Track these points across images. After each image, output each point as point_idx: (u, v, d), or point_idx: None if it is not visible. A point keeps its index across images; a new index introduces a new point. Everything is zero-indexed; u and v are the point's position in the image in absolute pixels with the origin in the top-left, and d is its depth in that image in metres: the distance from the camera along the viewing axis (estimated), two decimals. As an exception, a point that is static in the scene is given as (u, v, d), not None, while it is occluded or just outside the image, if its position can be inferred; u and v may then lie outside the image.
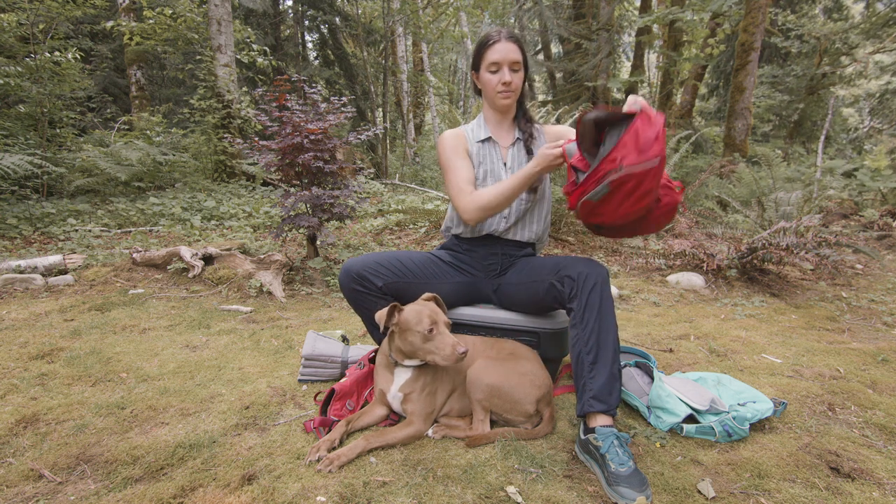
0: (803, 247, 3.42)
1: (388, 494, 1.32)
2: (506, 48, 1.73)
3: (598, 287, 1.53)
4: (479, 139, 1.88)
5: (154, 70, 11.14)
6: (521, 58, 1.76)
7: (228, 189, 6.71)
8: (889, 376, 2.12)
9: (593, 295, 1.52)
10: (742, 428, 1.59)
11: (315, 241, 3.85)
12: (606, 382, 1.49)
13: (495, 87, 1.77)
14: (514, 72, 1.76)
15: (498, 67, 1.75)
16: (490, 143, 1.88)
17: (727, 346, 2.51)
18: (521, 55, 1.76)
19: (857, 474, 1.42)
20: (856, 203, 7.11)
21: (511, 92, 1.77)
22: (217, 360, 2.24)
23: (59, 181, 5.88)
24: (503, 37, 1.74)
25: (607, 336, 1.51)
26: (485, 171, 1.85)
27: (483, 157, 1.87)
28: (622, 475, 1.32)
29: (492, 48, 1.74)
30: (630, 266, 4.22)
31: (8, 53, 5.74)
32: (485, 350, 1.76)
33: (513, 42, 1.75)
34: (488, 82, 1.78)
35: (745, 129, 7.68)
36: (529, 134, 1.88)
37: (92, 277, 3.48)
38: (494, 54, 1.74)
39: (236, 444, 1.55)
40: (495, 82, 1.76)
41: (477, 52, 1.80)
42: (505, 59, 1.73)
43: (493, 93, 1.79)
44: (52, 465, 1.42)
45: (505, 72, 1.74)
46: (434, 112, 12.07)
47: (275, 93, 3.58)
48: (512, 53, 1.73)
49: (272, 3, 11.25)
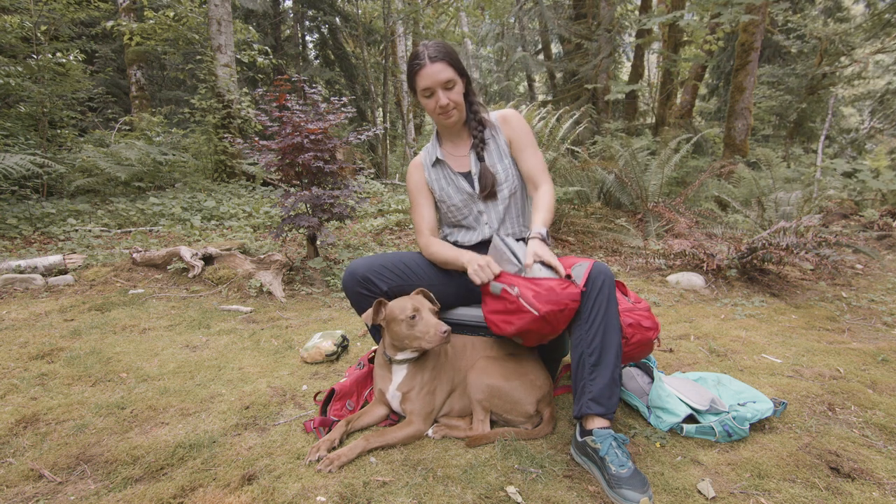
0: (803, 247, 3.42)
1: (388, 494, 1.32)
2: (432, 71, 1.66)
3: (606, 287, 1.50)
4: (431, 163, 1.89)
5: (154, 70, 11.15)
6: (452, 73, 1.69)
7: (228, 189, 6.71)
8: (889, 376, 2.12)
9: (601, 295, 1.49)
10: (742, 428, 1.59)
11: (315, 241, 3.85)
12: (607, 385, 1.47)
13: (434, 109, 1.73)
14: (448, 90, 1.70)
15: (431, 92, 1.70)
16: (441, 165, 1.87)
17: (727, 346, 2.51)
18: (451, 70, 1.68)
19: (857, 474, 1.42)
20: (856, 203, 7.11)
21: (451, 111, 1.73)
22: (217, 360, 2.24)
23: (59, 181, 5.88)
24: (427, 58, 1.67)
25: (612, 338, 1.49)
26: (448, 193, 1.86)
27: (438, 181, 1.88)
28: (623, 477, 1.32)
29: (419, 75, 1.68)
30: (630, 266, 4.22)
31: (10, 53, 5.74)
32: (485, 350, 1.76)
33: (439, 61, 1.66)
34: (426, 105, 1.75)
35: (745, 129, 7.68)
36: (480, 139, 1.83)
37: (92, 277, 3.48)
38: (423, 80, 1.68)
39: (236, 444, 1.55)
40: (432, 106, 1.73)
41: (408, 78, 1.75)
42: (435, 82, 1.67)
43: (434, 114, 1.76)
44: (52, 465, 1.43)
45: (439, 95, 1.69)
46: (434, 112, 12.03)
47: (275, 93, 3.58)
48: (440, 74, 1.66)
49: (272, 4, 11.25)
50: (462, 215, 1.86)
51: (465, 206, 1.85)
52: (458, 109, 1.76)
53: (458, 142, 1.89)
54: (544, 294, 1.47)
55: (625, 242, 4.76)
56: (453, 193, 1.85)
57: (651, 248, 4.45)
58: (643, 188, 5.56)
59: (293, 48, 11.94)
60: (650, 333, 1.60)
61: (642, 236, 4.87)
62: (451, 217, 1.90)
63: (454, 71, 1.70)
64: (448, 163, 1.87)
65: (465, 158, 1.87)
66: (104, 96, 9.46)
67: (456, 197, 1.85)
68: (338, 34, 11.95)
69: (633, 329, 1.57)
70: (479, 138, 1.83)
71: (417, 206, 1.92)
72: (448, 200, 1.86)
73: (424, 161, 1.92)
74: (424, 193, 1.91)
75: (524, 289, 1.50)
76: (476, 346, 1.78)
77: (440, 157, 1.87)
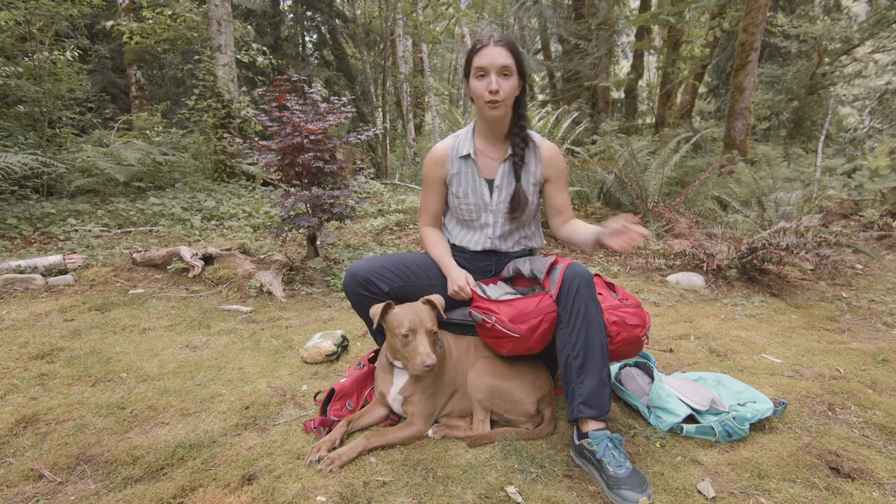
0: (803, 247, 3.42)
1: (388, 494, 1.32)
2: (494, 52, 1.60)
3: (583, 289, 1.49)
4: (460, 154, 1.81)
5: (154, 70, 11.14)
6: (512, 62, 1.62)
7: (228, 189, 6.71)
8: (889, 376, 2.12)
9: (578, 298, 1.49)
10: (742, 428, 1.59)
11: (315, 241, 3.85)
12: (596, 387, 1.46)
13: (482, 94, 1.64)
14: (503, 77, 1.62)
15: (485, 73, 1.62)
16: (469, 161, 1.80)
17: (727, 346, 2.51)
18: (512, 60, 1.63)
19: (857, 474, 1.42)
20: (856, 203, 7.11)
21: (500, 102, 1.63)
22: (217, 360, 2.24)
23: (59, 181, 5.88)
24: (492, 41, 1.62)
25: (595, 339, 1.48)
26: (464, 191, 1.81)
27: (459, 175, 1.82)
28: (621, 477, 1.32)
29: (479, 53, 1.63)
30: (630, 266, 4.22)
31: (6, 53, 5.73)
32: (485, 350, 1.76)
33: (503, 46, 1.62)
34: (475, 89, 1.66)
35: (744, 128, 7.68)
36: (520, 157, 1.76)
37: (92, 277, 3.48)
38: (482, 59, 1.62)
39: (236, 444, 1.55)
40: (482, 89, 1.63)
41: (467, 59, 1.70)
42: (492, 63, 1.60)
43: (480, 101, 1.67)
44: (52, 465, 1.42)
45: (492, 78, 1.61)
46: (434, 112, 12.07)
47: (274, 93, 3.58)
48: (501, 58, 1.60)
49: (272, 3, 11.25)
50: (469, 217, 1.84)
51: (476, 210, 1.82)
52: (505, 105, 1.67)
53: (493, 144, 1.81)
54: (518, 315, 1.55)
55: (625, 242, 4.75)
56: (470, 194, 1.81)
57: (651, 248, 4.45)
58: (643, 188, 5.56)
59: (292, 48, 11.94)
60: (637, 331, 1.57)
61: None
62: (458, 213, 1.87)
63: (515, 63, 1.64)
64: (477, 161, 1.81)
65: (494, 165, 1.80)
66: (100, 94, 9.46)
67: (471, 198, 1.81)
68: (337, 34, 11.95)
69: (618, 327, 1.55)
70: (520, 155, 1.77)
71: (427, 194, 1.92)
72: (462, 198, 1.82)
73: (452, 150, 1.83)
74: (437, 187, 1.88)
75: (501, 314, 1.57)
76: (478, 347, 1.78)
77: (472, 154, 1.80)
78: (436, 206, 1.91)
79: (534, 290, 1.69)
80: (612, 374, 1.89)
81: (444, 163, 1.84)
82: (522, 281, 1.76)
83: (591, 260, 4.45)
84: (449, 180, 1.84)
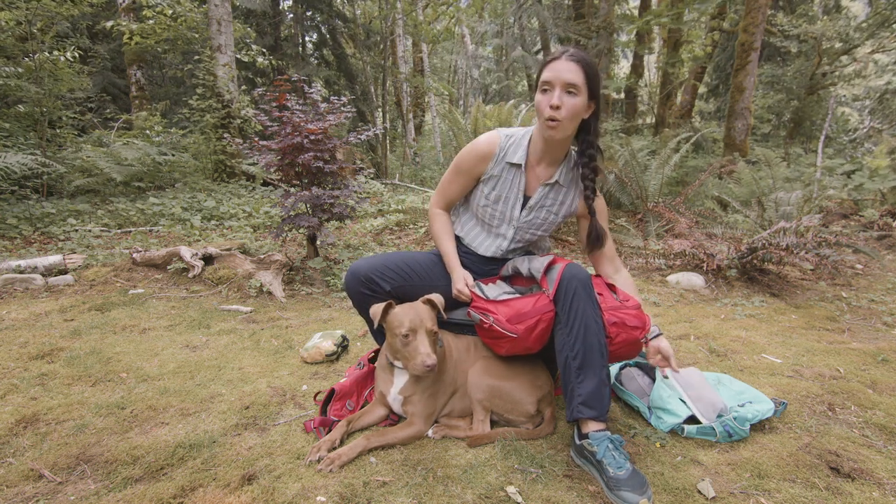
0: (803, 247, 3.42)
1: (388, 494, 1.32)
2: (563, 66, 1.51)
3: (581, 290, 1.49)
4: (511, 160, 1.70)
5: (154, 70, 11.14)
6: (582, 80, 1.52)
7: (228, 189, 6.71)
8: (889, 376, 2.12)
9: (576, 298, 1.48)
10: (743, 429, 1.59)
11: (315, 241, 3.85)
12: (596, 388, 1.46)
13: (543, 110, 1.55)
14: (568, 94, 1.52)
15: (550, 87, 1.53)
16: (519, 172, 1.71)
17: (727, 346, 2.51)
18: (583, 77, 1.52)
19: (857, 474, 1.42)
20: (856, 203, 7.11)
21: (559, 121, 1.54)
22: (217, 360, 2.24)
23: (59, 181, 5.87)
24: (565, 55, 1.53)
25: (593, 340, 1.47)
26: (497, 196, 1.74)
27: (501, 180, 1.73)
28: (622, 478, 1.32)
29: (549, 66, 1.55)
30: (630, 266, 4.22)
31: (6, 54, 5.73)
32: (485, 350, 1.76)
33: (574, 62, 1.52)
34: (538, 104, 1.57)
35: (744, 129, 7.68)
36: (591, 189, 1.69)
37: (92, 277, 3.48)
38: (549, 72, 1.53)
39: (236, 444, 1.55)
40: (544, 104, 1.54)
41: (540, 69, 1.61)
42: (558, 78, 1.51)
43: (541, 118, 1.57)
44: (52, 465, 1.42)
45: (556, 93, 1.52)
46: (434, 112, 12.07)
47: (275, 93, 3.58)
48: (568, 73, 1.50)
49: (272, 4, 11.25)
50: (490, 222, 1.80)
51: (499, 219, 1.78)
52: (564, 127, 1.57)
53: (543, 163, 1.72)
54: (515, 315, 1.55)
55: (625, 242, 4.76)
56: (501, 201, 1.75)
57: (651, 248, 4.45)
58: (643, 188, 5.56)
59: (292, 48, 11.93)
60: (636, 333, 1.56)
61: (642, 236, 4.87)
62: (480, 213, 1.81)
63: (585, 82, 1.54)
64: (526, 175, 1.72)
65: (536, 184, 1.74)
66: (100, 94, 9.45)
67: (500, 206, 1.75)
68: (337, 34, 11.95)
69: (618, 328, 1.55)
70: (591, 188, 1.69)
71: (453, 180, 1.81)
72: (491, 202, 1.76)
73: (499, 150, 1.71)
74: (467, 179, 1.78)
75: (498, 315, 1.58)
76: (478, 347, 1.78)
77: (524, 166, 1.70)
78: (457, 194, 1.84)
79: (531, 289, 1.69)
80: (612, 375, 1.90)
81: (487, 160, 1.73)
82: (521, 280, 1.76)
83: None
84: (485, 179, 1.75)
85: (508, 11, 13.26)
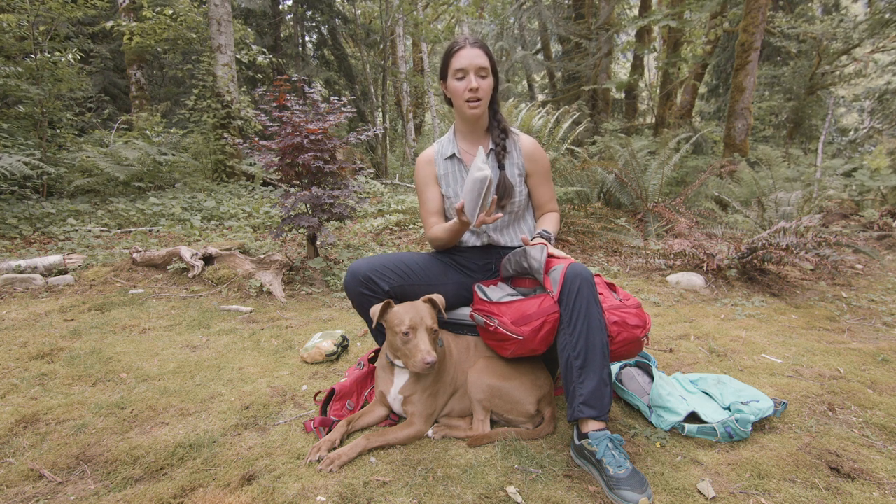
0: (803, 247, 3.42)
1: (388, 494, 1.32)
2: (471, 54, 1.71)
3: (585, 289, 1.50)
4: (445, 156, 1.88)
5: (154, 70, 11.14)
6: (488, 63, 1.73)
7: (228, 189, 6.71)
8: (889, 376, 2.12)
9: (580, 298, 1.49)
10: (744, 430, 1.59)
11: (315, 241, 3.84)
12: (597, 387, 1.47)
13: (462, 94, 1.73)
14: (481, 78, 1.73)
15: (464, 74, 1.72)
16: (455, 161, 1.87)
17: (727, 346, 2.51)
18: (488, 61, 1.73)
19: (857, 474, 1.42)
20: (856, 203, 7.11)
21: (479, 100, 1.74)
22: (217, 360, 2.24)
23: (59, 181, 5.87)
24: (468, 43, 1.72)
25: (596, 340, 1.48)
26: (454, 191, 1.87)
27: (449, 176, 1.88)
28: (622, 478, 1.32)
29: (457, 55, 1.72)
30: (630, 266, 4.22)
31: (7, 54, 5.73)
32: (485, 350, 1.76)
33: (478, 48, 1.72)
34: (455, 90, 1.75)
35: (744, 129, 7.67)
36: (502, 147, 1.84)
37: (92, 277, 3.48)
38: (460, 61, 1.71)
39: (236, 444, 1.55)
40: (462, 89, 1.73)
41: (444, 61, 1.78)
42: (471, 64, 1.70)
43: (461, 101, 1.76)
44: (52, 465, 1.42)
45: (471, 78, 1.71)
46: (434, 112, 12.07)
47: (275, 93, 3.58)
48: (478, 59, 1.71)
49: (272, 4, 11.25)
50: None
51: None
52: (483, 101, 1.76)
53: (475, 141, 1.89)
54: (521, 317, 1.55)
55: (625, 242, 4.76)
56: (460, 192, 1.84)
57: (651, 248, 4.45)
58: (643, 188, 5.56)
59: (292, 48, 11.94)
60: (637, 332, 1.58)
61: (642, 236, 4.87)
62: (452, 213, 1.90)
63: (489, 64, 1.74)
64: (464, 160, 1.87)
65: None
66: (100, 95, 9.45)
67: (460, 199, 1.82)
68: (337, 34, 11.95)
69: (619, 327, 1.56)
70: (502, 145, 1.84)
71: (423, 200, 1.93)
72: (453, 197, 1.87)
73: (437, 154, 1.91)
74: (432, 183, 1.91)
75: (503, 316, 1.59)
76: (479, 347, 1.78)
77: (457, 153, 1.87)
78: (437, 201, 1.92)
79: (535, 290, 1.69)
80: (612, 374, 1.89)
81: (432, 163, 1.91)
82: (523, 281, 1.77)
83: (590, 260, 4.45)
84: (438, 181, 1.90)
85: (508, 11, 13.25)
